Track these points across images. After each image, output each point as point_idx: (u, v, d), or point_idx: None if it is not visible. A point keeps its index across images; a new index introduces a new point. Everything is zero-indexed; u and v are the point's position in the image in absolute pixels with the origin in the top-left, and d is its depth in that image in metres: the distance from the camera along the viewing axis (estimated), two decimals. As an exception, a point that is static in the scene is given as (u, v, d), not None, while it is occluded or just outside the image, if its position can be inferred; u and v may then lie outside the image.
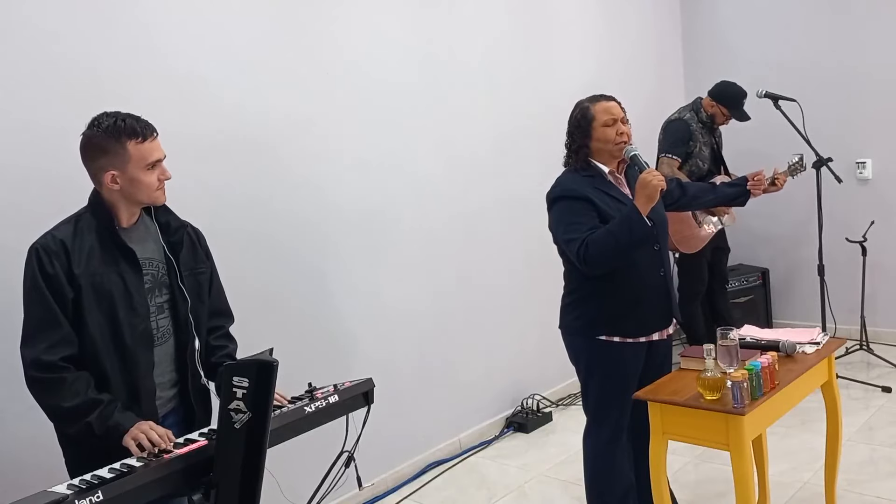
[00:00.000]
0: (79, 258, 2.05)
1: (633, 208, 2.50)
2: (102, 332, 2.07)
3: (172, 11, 2.89)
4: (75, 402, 1.99)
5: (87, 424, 1.99)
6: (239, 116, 3.10)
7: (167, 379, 2.23)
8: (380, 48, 3.64)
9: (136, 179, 2.09)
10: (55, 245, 2.04)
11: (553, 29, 4.61)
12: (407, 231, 3.77)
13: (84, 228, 2.09)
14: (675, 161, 4.50)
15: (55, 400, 2.01)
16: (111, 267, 2.09)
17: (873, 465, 3.42)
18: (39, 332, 2.02)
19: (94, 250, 2.08)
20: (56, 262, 2.02)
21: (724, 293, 4.94)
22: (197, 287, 2.28)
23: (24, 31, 2.52)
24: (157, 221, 2.24)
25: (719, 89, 4.59)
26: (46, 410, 2.06)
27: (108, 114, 2.12)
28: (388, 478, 3.66)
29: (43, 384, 2.01)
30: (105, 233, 2.10)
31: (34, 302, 2.03)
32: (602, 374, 2.72)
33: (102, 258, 2.08)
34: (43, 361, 2.00)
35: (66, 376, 2.01)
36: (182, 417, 2.28)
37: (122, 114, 2.11)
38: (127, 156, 2.07)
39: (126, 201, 2.13)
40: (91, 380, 2.04)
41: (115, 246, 2.11)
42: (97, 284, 2.06)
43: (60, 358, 2.01)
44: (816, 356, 2.69)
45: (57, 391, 2.00)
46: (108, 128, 2.07)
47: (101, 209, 2.12)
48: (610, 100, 2.71)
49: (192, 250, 2.29)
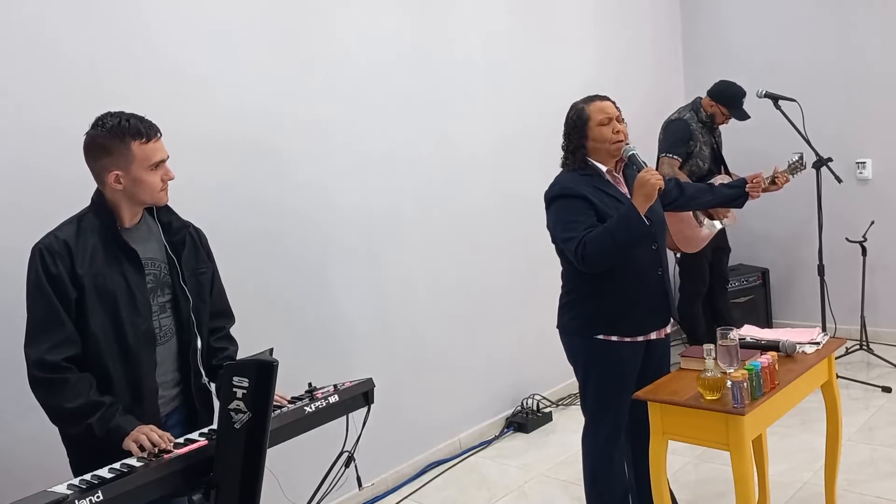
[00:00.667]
0: (82, 258, 2.06)
1: (632, 207, 2.50)
2: (105, 332, 2.07)
3: (173, 11, 2.89)
4: (77, 403, 1.99)
5: (88, 426, 2.00)
6: (239, 116, 3.10)
7: (170, 378, 2.23)
8: (380, 48, 3.64)
9: (140, 180, 2.10)
10: (58, 245, 2.05)
11: (553, 29, 4.61)
12: (407, 231, 3.77)
13: (87, 228, 2.10)
14: (675, 161, 4.50)
15: (57, 401, 2.01)
16: (114, 267, 2.10)
17: (873, 465, 3.42)
18: (43, 332, 2.02)
19: (97, 250, 2.08)
20: (59, 262, 2.03)
21: (725, 293, 4.94)
22: (199, 287, 2.29)
23: (24, 31, 2.52)
24: (159, 221, 2.25)
25: (718, 89, 4.59)
26: (48, 411, 2.06)
27: (111, 114, 2.12)
28: (388, 478, 3.66)
29: (46, 384, 2.02)
30: (108, 233, 2.11)
31: (37, 302, 2.04)
32: (600, 374, 2.71)
33: (105, 258, 2.09)
34: (46, 361, 2.00)
35: (69, 377, 2.01)
36: (185, 417, 2.28)
37: (125, 114, 2.12)
38: (131, 156, 2.07)
39: (129, 201, 2.14)
40: (94, 381, 2.04)
41: (118, 246, 2.12)
42: (100, 284, 2.07)
43: (63, 358, 2.01)
44: (816, 356, 2.69)
45: (59, 392, 2.00)
46: (113, 128, 2.07)
47: (103, 209, 2.13)
48: (604, 99, 2.72)
49: (193, 250, 2.30)
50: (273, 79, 3.21)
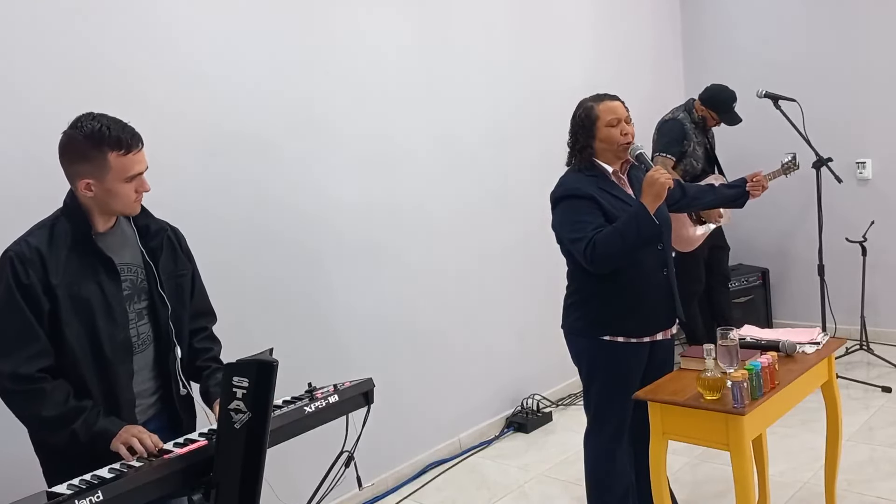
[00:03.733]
0: (55, 267, 1.96)
1: (641, 206, 2.48)
2: (81, 344, 2.00)
3: (175, 9, 2.89)
4: (57, 411, 1.94)
5: (72, 432, 1.95)
6: (239, 113, 3.10)
7: (147, 387, 2.17)
8: (380, 46, 3.63)
9: (113, 191, 2.00)
10: (31, 253, 1.95)
11: (552, 27, 4.61)
12: (407, 231, 3.77)
13: (60, 234, 2.00)
14: (669, 160, 4.50)
15: (35, 410, 1.95)
16: (88, 276, 2.01)
17: (873, 465, 3.42)
18: (15, 345, 1.94)
19: (71, 259, 1.99)
20: (31, 271, 1.94)
21: (726, 292, 4.93)
22: (178, 291, 2.22)
23: (23, 28, 2.52)
24: (135, 225, 2.16)
25: (709, 95, 4.60)
26: (26, 422, 2.01)
27: (93, 116, 2.00)
28: (388, 478, 3.66)
29: (21, 396, 1.95)
30: (82, 239, 2.02)
31: (9, 314, 1.94)
32: (604, 375, 2.71)
33: (80, 267, 2.00)
34: (20, 374, 1.93)
35: (45, 386, 1.95)
36: (164, 423, 2.20)
37: (107, 119, 1.99)
38: (107, 167, 1.97)
39: (100, 209, 2.05)
40: (70, 388, 1.99)
41: (93, 253, 2.03)
42: (74, 294, 1.99)
43: (38, 370, 1.95)
44: (816, 356, 2.69)
45: (36, 401, 1.94)
46: (91, 134, 1.96)
47: (76, 213, 2.04)
48: (614, 99, 2.69)
49: (172, 254, 2.22)
50: (274, 77, 3.21)
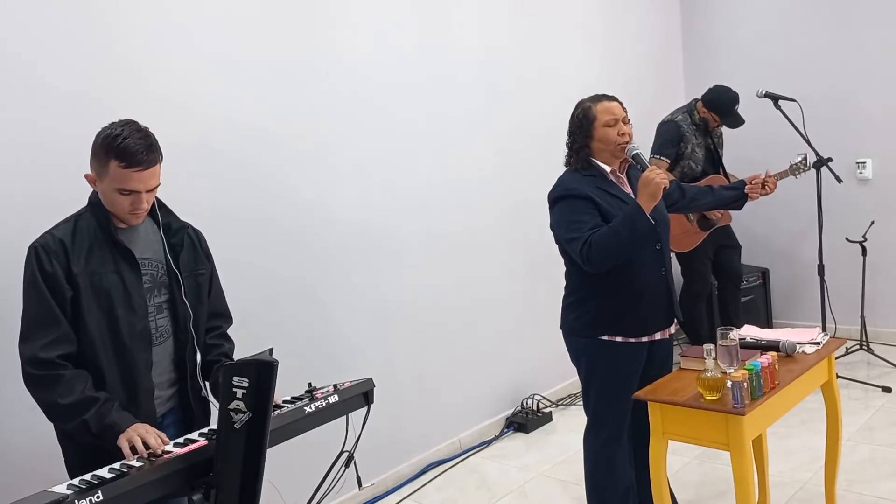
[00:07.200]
0: (77, 257, 2.06)
1: (637, 205, 2.49)
2: (101, 331, 2.08)
3: (173, 16, 2.89)
4: (72, 399, 1.99)
5: (83, 422, 2.00)
6: (241, 121, 3.09)
7: (165, 378, 2.23)
8: (380, 54, 3.64)
9: (108, 196, 2.10)
10: (54, 244, 2.06)
11: (553, 32, 4.61)
12: (407, 231, 3.77)
13: (83, 228, 2.11)
14: (663, 162, 4.49)
15: (52, 397, 2.01)
16: (109, 266, 2.10)
17: (873, 465, 3.42)
18: (37, 329, 2.02)
19: (92, 249, 2.09)
20: (55, 260, 2.04)
21: (737, 294, 4.88)
22: (196, 288, 2.29)
23: (51, 26, 2.52)
24: (158, 222, 2.25)
25: (710, 97, 4.58)
26: (43, 408, 2.06)
27: (125, 122, 2.10)
28: (388, 478, 3.66)
29: (40, 381, 2.01)
30: (103, 232, 2.12)
31: (32, 300, 2.04)
32: (603, 375, 2.71)
33: (101, 257, 2.10)
34: (40, 359, 2.00)
35: (64, 373, 2.01)
36: (181, 417, 2.27)
37: (132, 130, 2.08)
38: (107, 173, 2.07)
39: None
40: (89, 378, 2.04)
41: (114, 245, 2.12)
42: (96, 283, 2.08)
43: (58, 355, 2.01)
44: (816, 356, 2.68)
45: (54, 388, 2.00)
46: (106, 138, 2.06)
47: (99, 209, 2.14)
48: (612, 100, 2.70)
49: (192, 251, 2.30)
50: (274, 86, 3.21)
